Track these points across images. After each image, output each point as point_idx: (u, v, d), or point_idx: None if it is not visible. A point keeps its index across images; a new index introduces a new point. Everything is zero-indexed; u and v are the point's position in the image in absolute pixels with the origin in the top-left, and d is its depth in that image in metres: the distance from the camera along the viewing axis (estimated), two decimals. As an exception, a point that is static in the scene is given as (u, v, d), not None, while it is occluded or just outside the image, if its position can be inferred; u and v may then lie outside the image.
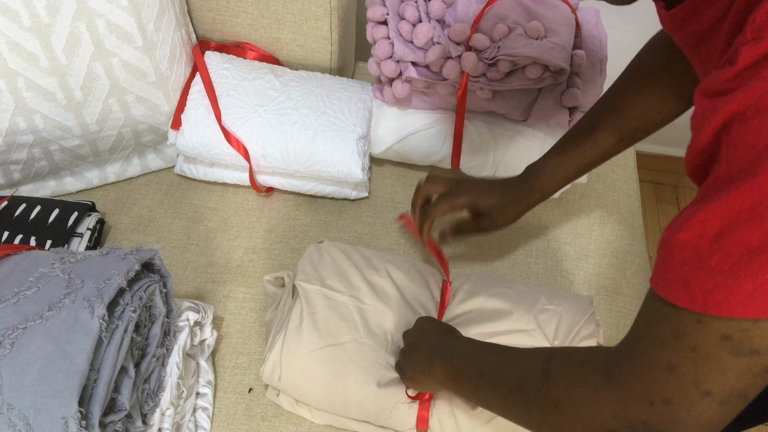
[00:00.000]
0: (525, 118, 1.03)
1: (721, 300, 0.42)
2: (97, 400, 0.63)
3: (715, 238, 0.41)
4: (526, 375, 0.59)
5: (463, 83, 0.98)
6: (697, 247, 0.42)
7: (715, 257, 0.41)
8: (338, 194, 1.06)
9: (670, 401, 0.46)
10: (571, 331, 0.81)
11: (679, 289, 0.44)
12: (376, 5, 0.98)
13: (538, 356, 0.60)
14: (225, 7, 1.09)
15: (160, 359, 0.75)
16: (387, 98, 1.04)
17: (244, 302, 0.94)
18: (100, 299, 0.65)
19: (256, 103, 1.02)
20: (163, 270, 0.76)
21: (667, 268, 0.45)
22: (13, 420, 0.60)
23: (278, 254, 1.00)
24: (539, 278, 0.99)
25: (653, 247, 1.78)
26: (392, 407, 0.78)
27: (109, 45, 0.92)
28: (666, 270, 0.45)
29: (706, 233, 0.42)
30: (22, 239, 0.91)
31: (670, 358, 0.46)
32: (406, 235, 1.03)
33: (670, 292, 0.45)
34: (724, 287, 0.41)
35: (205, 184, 1.09)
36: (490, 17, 0.98)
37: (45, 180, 1.05)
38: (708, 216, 0.42)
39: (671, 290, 0.45)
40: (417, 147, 1.06)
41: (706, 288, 0.42)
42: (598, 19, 1.05)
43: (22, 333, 0.62)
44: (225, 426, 0.83)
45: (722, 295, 0.41)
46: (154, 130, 1.05)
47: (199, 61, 1.05)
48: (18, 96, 0.90)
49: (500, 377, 0.62)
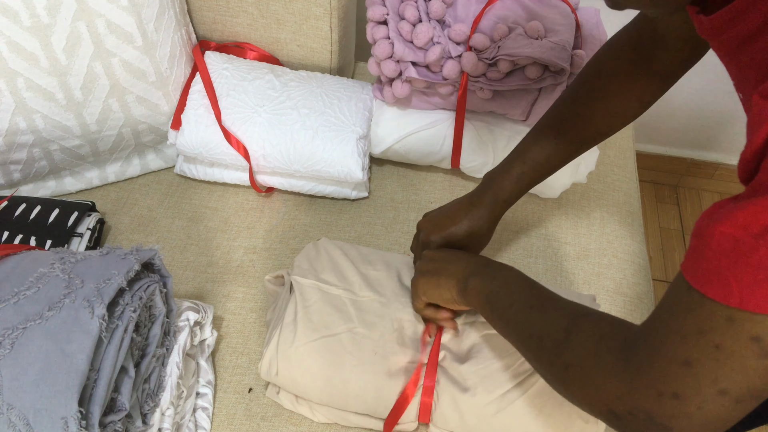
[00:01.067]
0: (525, 118, 1.03)
1: (762, 297, 0.40)
2: (97, 400, 0.63)
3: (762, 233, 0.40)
4: (550, 326, 0.59)
5: (463, 83, 0.98)
6: (739, 240, 0.41)
7: (759, 252, 0.40)
8: (338, 194, 1.06)
9: (681, 396, 0.45)
10: None
11: (713, 281, 0.43)
12: (376, 5, 0.98)
13: (567, 312, 0.60)
14: (225, 7, 1.09)
15: (160, 359, 0.75)
16: (387, 98, 1.04)
17: (244, 302, 0.94)
18: (100, 299, 0.65)
19: (256, 103, 1.02)
20: (163, 270, 0.76)
21: (702, 258, 0.44)
22: (13, 420, 0.60)
23: (278, 254, 1.00)
24: (539, 278, 0.98)
25: (653, 247, 1.78)
26: (392, 398, 0.78)
27: (109, 45, 0.92)
28: (700, 259, 0.44)
29: (751, 227, 0.40)
30: (22, 239, 0.91)
31: (690, 353, 0.45)
32: (406, 235, 1.03)
33: (704, 284, 0.43)
34: (766, 284, 0.40)
35: (205, 184, 1.09)
36: (490, 17, 0.98)
37: (45, 180, 1.05)
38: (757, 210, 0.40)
39: (705, 281, 0.43)
40: (417, 147, 1.06)
41: (745, 283, 0.41)
42: (598, 19, 1.05)
43: (22, 333, 0.62)
44: (225, 426, 0.83)
45: (763, 293, 0.40)
46: (154, 130, 1.05)
47: (199, 61, 1.05)
48: (18, 96, 0.90)
49: (528, 318, 0.63)
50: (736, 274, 0.41)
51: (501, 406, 0.76)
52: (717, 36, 0.52)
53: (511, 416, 0.76)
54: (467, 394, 0.77)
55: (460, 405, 0.77)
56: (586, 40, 1.01)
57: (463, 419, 0.77)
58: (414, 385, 0.77)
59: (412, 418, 0.79)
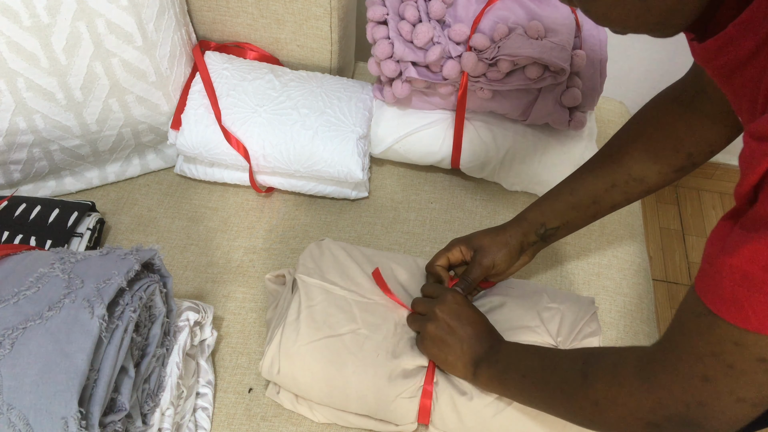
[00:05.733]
0: (525, 118, 1.03)
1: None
2: (97, 400, 0.63)
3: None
4: (567, 377, 0.64)
5: (463, 83, 0.98)
6: (748, 273, 0.45)
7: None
8: (338, 194, 1.06)
9: (705, 404, 0.51)
10: (574, 329, 0.82)
11: (730, 308, 0.46)
12: (376, 5, 0.98)
13: (575, 358, 0.65)
14: (225, 7, 1.09)
15: (160, 359, 0.75)
16: (387, 98, 1.04)
17: (244, 302, 0.94)
18: (100, 299, 0.65)
19: (256, 103, 1.02)
20: (163, 270, 0.76)
21: (716, 284, 0.47)
22: (13, 420, 0.60)
23: (278, 254, 1.00)
24: (539, 278, 0.99)
25: (653, 247, 1.78)
26: (392, 400, 0.78)
27: (109, 45, 0.92)
28: (715, 285, 0.48)
29: (758, 260, 0.44)
30: (22, 239, 0.91)
31: (707, 371, 0.50)
32: (406, 235, 1.03)
33: (722, 309, 0.47)
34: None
35: (205, 184, 1.09)
36: (490, 17, 0.98)
37: (45, 180, 1.05)
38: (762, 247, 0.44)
39: (723, 307, 0.47)
40: (417, 147, 1.06)
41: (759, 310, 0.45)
42: (598, 19, 1.05)
43: (22, 333, 0.62)
44: (225, 426, 0.83)
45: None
46: (154, 130, 1.05)
47: (199, 61, 1.05)
48: (18, 96, 0.90)
49: (543, 379, 0.67)
50: (751, 303, 0.45)
51: (499, 408, 0.76)
52: (710, 62, 0.53)
53: (510, 418, 0.76)
54: (465, 397, 0.77)
55: (459, 407, 0.77)
56: (586, 40, 1.01)
57: (461, 421, 0.77)
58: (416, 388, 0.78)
59: (412, 420, 0.79)
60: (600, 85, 1.02)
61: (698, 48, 0.53)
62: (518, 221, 0.87)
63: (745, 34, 0.48)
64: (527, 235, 0.86)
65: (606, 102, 1.25)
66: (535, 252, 0.89)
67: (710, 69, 0.55)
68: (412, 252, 1.01)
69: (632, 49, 1.56)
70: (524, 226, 0.86)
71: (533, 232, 0.86)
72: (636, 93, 1.63)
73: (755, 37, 0.47)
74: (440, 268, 0.87)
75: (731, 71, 0.51)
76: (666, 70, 1.60)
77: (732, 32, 0.48)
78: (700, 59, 0.55)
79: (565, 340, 0.81)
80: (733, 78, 0.52)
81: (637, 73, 1.62)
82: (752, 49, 0.47)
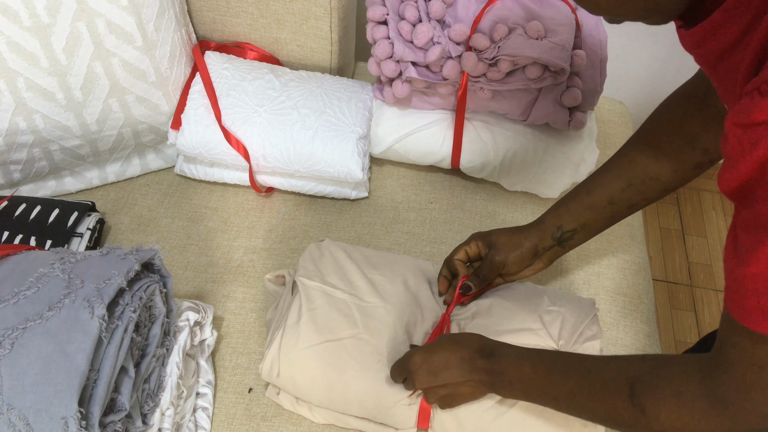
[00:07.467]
0: (525, 118, 1.03)
1: None
2: (97, 400, 0.63)
3: None
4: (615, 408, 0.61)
5: (463, 83, 0.98)
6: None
7: None
8: (338, 194, 1.06)
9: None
10: (575, 332, 0.82)
11: (760, 319, 0.47)
12: (376, 5, 0.98)
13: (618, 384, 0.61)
14: (225, 7, 1.09)
15: (160, 359, 0.75)
16: (387, 98, 1.04)
17: (244, 302, 0.94)
18: (100, 299, 0.65)
19: (256, 103, 1.02)
20: (163, 270, 0.76)
21: (742, 297, 0.48)
22: (13, 420, 0.60)
23: (278, 254, 1.00)
24: (539, 278, 0.99)
25: (653, 247, 1.78)
26: (392, 405, 0.78)
27: (109, 45, 0.92)
28: (741, 298, 0.48)
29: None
30: (22, 239, 0.91)
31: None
32: (406, 235, 1.03)
33: (753, 323, 0.48)
34: None
35: (205, 184, 1.09)
36: (490, 17, 0.98)
37: (45, 180, 1.05)
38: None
39: (753, 321, 0.47)
40: (417, 147, 1.06)
41: None
42: (598, 19, 1.05)
43: (22, 333, 0.62)
44: (225, 426, 0.83)
45: None
46: (154, 130, 1.05)
47: (199, 61, 1.05)
48: (18, 96, 0.90)
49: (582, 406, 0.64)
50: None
51: (499, 412, 0.76)
52: (696, 49, 0.53)
53: (510, 422, 0.76)
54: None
55: (458, 411, 0.77)
56: (586, 40, 1.01)
57: (461, 425, 0.77)
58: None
59: (412, 424, 0.79)
60: (600, 85, 1.02)
61: (685, 35, 0.53)
62: (536, 224, 0.87)
63: (731, 20, 0.48)
64: (543, 238, 0.86)
65: (606, 102, 1.25)
66: (552, 258, 0.88)
67: (697, 56, 0.55)
68: (412, 252, 1.01)
69: (632, 49, 1.56)
70: (541, 228, 0.86)
71: (549, 235, 0.86)
72: (636, 93, 1.63)
73: (740, 22, 0.47)
74: (459, 263, 0.87)
75: (717, 58, 0.51)
76: (666, 70, 1.60)
77: (718, 18, 0.48)
78: (687, 46, 0.55)
79: (566, 343, 0.81)
80: (719, 65, 0.52)
81: (637, 73, 1.62)
82: (737, 35, 0.47)
